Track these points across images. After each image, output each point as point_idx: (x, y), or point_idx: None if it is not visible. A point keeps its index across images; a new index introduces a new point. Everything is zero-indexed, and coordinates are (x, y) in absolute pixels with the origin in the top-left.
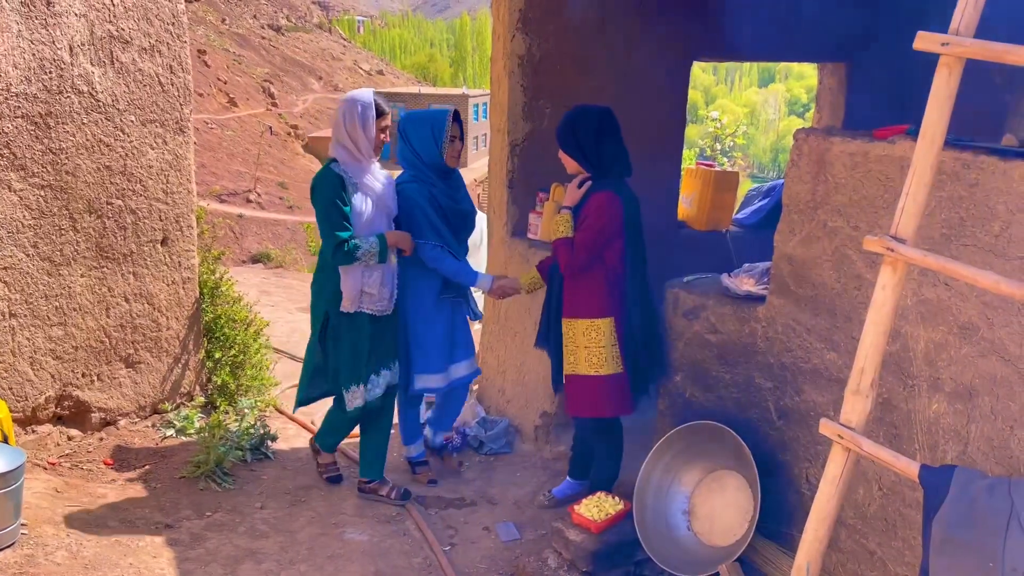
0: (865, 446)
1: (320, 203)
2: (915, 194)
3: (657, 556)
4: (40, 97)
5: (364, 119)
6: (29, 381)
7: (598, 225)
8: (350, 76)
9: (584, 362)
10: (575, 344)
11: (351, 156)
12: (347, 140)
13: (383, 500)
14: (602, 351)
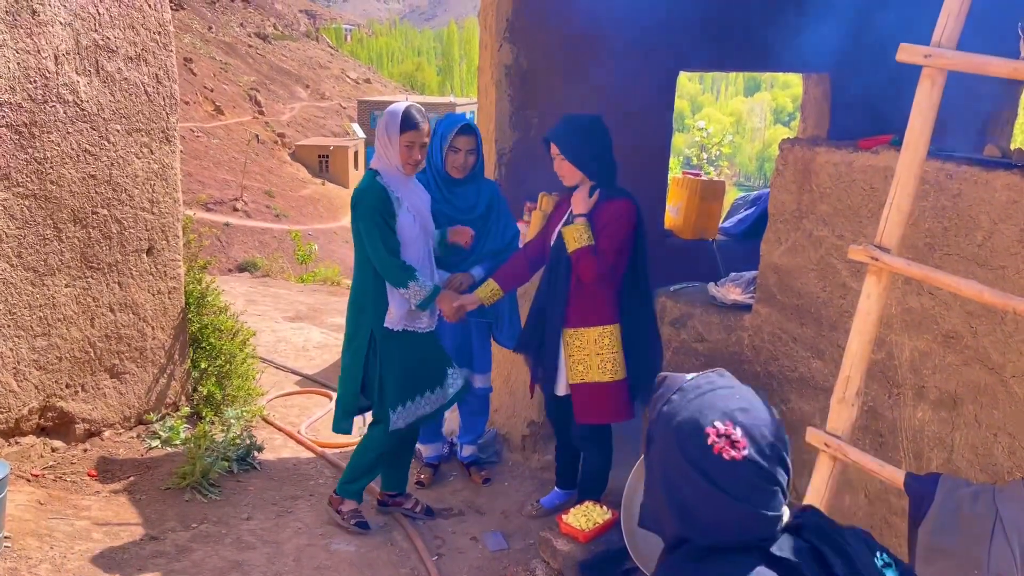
0: (851, 454)
1: (365, 217)
2: (899, 204)
3: (645, 565)
4: (24, 106)
5: (387, 132)
6: (12, 392)
7: (622, 233)
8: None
9: (597, 369)
10: (584, 352)
11: (391, 167)
12: (382, 150)
13: (408, 514)
14: (615, 357)
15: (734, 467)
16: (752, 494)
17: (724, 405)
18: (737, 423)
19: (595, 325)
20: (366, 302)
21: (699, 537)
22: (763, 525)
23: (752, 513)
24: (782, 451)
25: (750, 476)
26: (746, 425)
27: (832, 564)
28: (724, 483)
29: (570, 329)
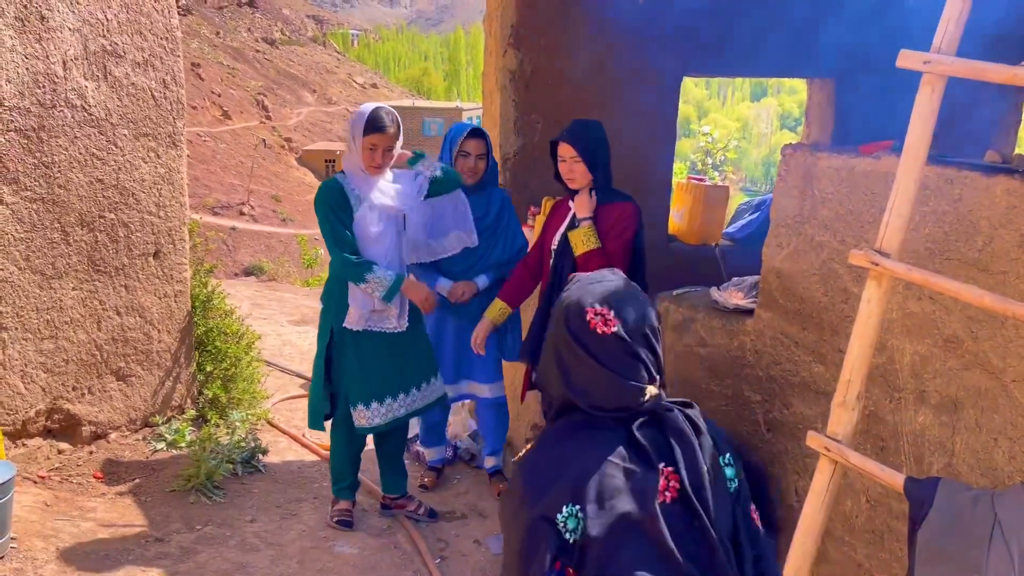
0: (852, 458)
1: (319, 216)
2: (899, 209)
3: None
4: (33, 111)
5: (352, 132)
6: (19, 394)
7: (629, 235)
8: (344, 89)
9: None
10: None
11: (355, 165)
12: (348, 151)
13: (411, 516)
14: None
15: (604, 340)
16: (618, 363)
17: (604, 292)
18: (612, 307)
19: None
20: (329, 301)
21: (577, 396)
22: (627, 393)
23: (618, 380)
24: (648, 334)
25: (617, 348)
26: (619, 309)
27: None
28: (596, 351)
29: None
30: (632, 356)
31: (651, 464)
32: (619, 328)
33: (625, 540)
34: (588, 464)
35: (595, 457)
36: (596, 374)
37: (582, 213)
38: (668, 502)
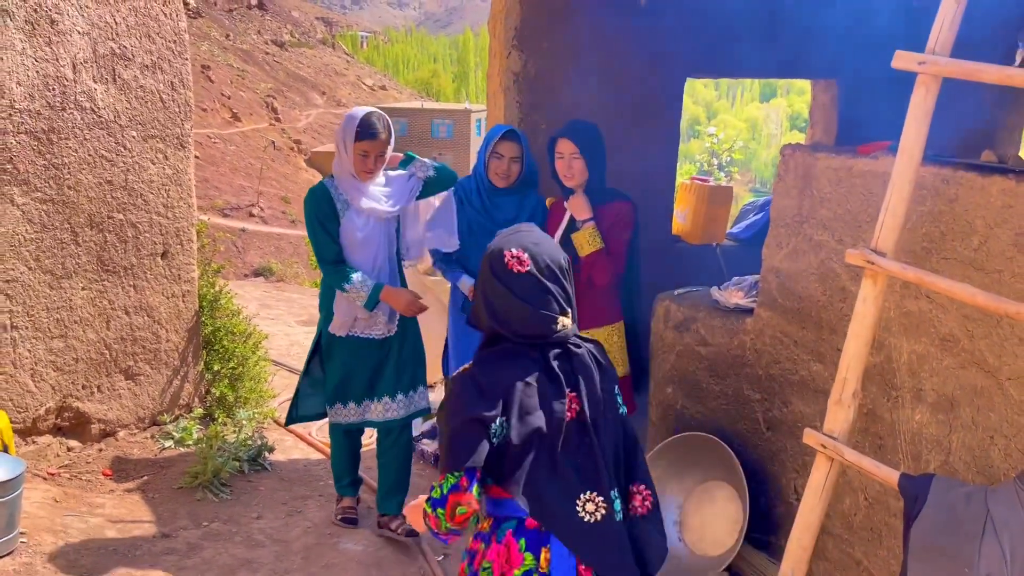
0: (847, 455)
1: (306, 220)
2: (894, 208)
3: None
4: (43, 113)
5: (343, 137)
6: (30, 392)
7: (628, 233)
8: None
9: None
10: None
11: (344, 170)
12: (338, 156)
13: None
14: (622, 354)
15: (520, 277)
16: (531, 296)
17: (520, 240)
18: (526, 250)
19: (603, 325)
20: (321, 305)
21: (501, 326)
22: (541, 321)
23: (532, 310)
24: (557, 272)
25: (530, 284)
26: (532, 252)
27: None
28: (513, 287)
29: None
30: (543, 290)
31: (560, 389)
32: (531, 267)
33: (532, 448)
34: (512, 382)
35: (518, 377)
36: (515, 306)
37: (581, 215)
38: (568, 421)
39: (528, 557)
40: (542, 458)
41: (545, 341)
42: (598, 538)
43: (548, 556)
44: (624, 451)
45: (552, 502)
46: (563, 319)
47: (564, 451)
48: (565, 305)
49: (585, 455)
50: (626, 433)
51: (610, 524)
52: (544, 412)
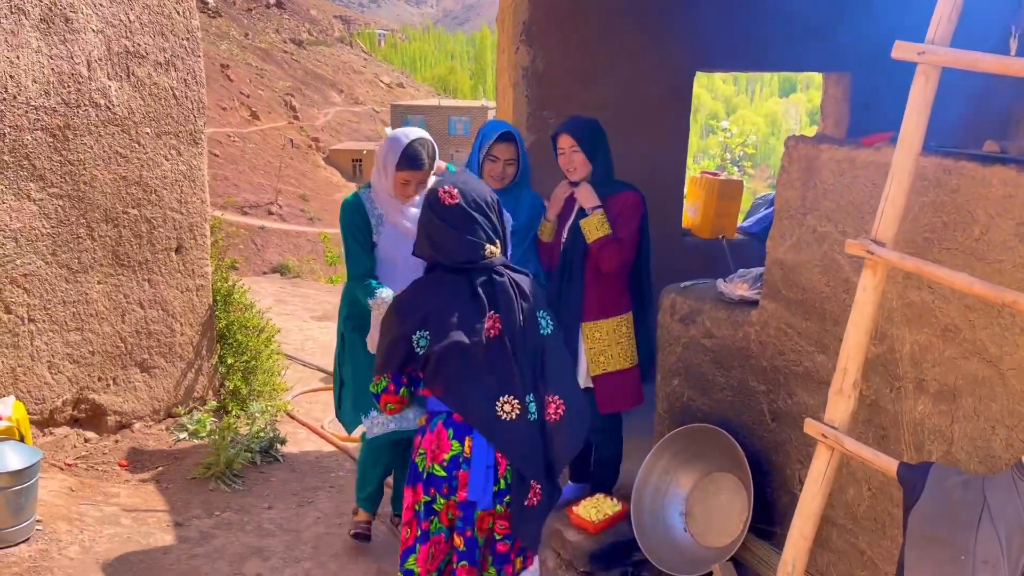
0: (847, 444)
1: (342, 231)
2: (894, 198)
3: (654, 556)
4: (59, 110)
5: (385, 166)
6: (47, 384)
7: (635, 222)
8: (370, 89)
9: (618, 358)
10: (604, 343)
11: (382, 187)
12: (376, 172)
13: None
14: (630, 344)
15: (450, 208)
16: (459, 224)
17: (453, 179)
18: (456, 186)
19: (612, 316)
20: (342, 304)
21: (436, 252)
22: (468, 247)
23: (459, 236)
24: (483, 205)
25: (459, 214)
26: (461, 188)
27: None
28: (445, 217)
29: (588, 322)
30: (470, 219)
31: (482, 310)
32: (460, 200)
33: (455, 359)
34: (439, 303)
35: (441, 300)
36: (446, 234)
37: (588, 203)
38: (491, 336)
39: (455, 444)
40: (467, 366)
41: (474, 267)
42: (512, 433)
43: (471, 444)
44: (543, 366)
45: (474, 402)
46: (490, 247)
47: (486, 361)
48: (492, 236)
49: (504, 365)
50: (545, 350)
51: (523, 423)
52: (465, 330)
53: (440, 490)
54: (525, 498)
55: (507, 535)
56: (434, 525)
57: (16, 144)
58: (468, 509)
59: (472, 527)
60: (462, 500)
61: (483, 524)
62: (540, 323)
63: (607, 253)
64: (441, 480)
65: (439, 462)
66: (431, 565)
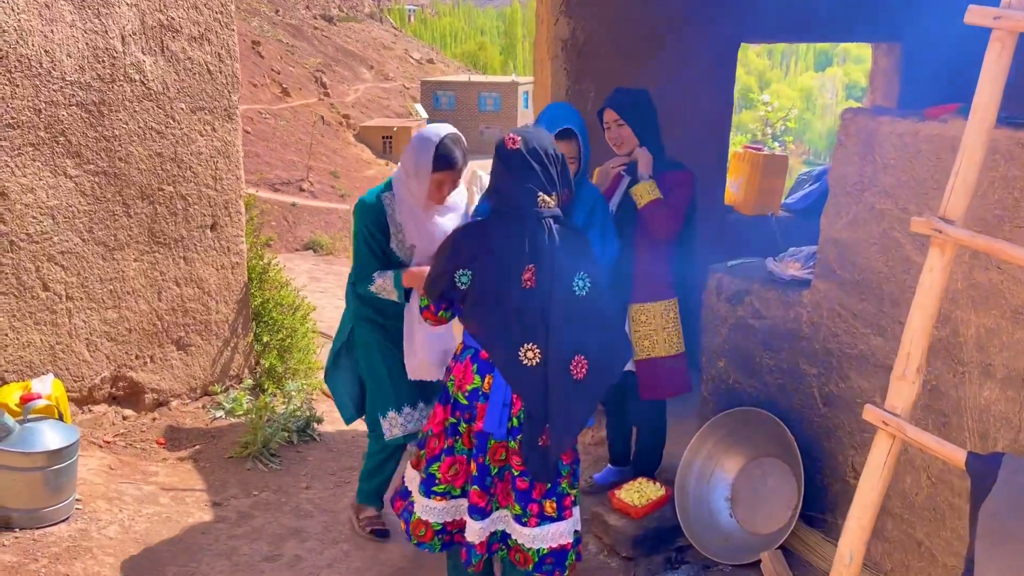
0: (910, 432)
1: (355, 228)
2: (965, 174)
3: (698, 542)
4: (94, 85)
5: (417, 164)
6: (85, 362)
7: (685, 198)
8: (400, 65)
9: (664, 343)
10: (650, 328)
11: (409, 194)
12: (403, 174)
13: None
14: (678, 330)
15: (511, 153)
16: (517, 169)
17: (520, 129)
18: (520, 135)
19: (660, 299)
20: (348, 298)
21: (496, 197)
22: (524, 193)
23: (516, 182)
24: (543, 156)
25: (518, 159)
26: (524, 136)
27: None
28: (505, 161)
29: (636, 304)
30: (527, 166)
31: (522, 261)
32: (521, 146)
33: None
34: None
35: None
36: (503, 177)
37: (646, 169)
38: (526, 288)
39: (476, 379)
40: (499, 311)
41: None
42: (529, 378)
43: (491, 381)
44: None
45: (500, 345)
46: (544, 196)
47: (517, 309)
48: (548, 186)
49: (531, 315)
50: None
51: (541, 371)
52: (503, 276)
53: (463, 416)
54: (536, 436)
55: (524, 471)
56: (458, 445)
57: (52, 120)
58: (482, 438)
59: (485, 455)
60: (478, 430)
61: (496, 455)
62: (576, 284)
63: (659, 218)
64: (464, 408)
65: (463, 391)
66: (453, 479)
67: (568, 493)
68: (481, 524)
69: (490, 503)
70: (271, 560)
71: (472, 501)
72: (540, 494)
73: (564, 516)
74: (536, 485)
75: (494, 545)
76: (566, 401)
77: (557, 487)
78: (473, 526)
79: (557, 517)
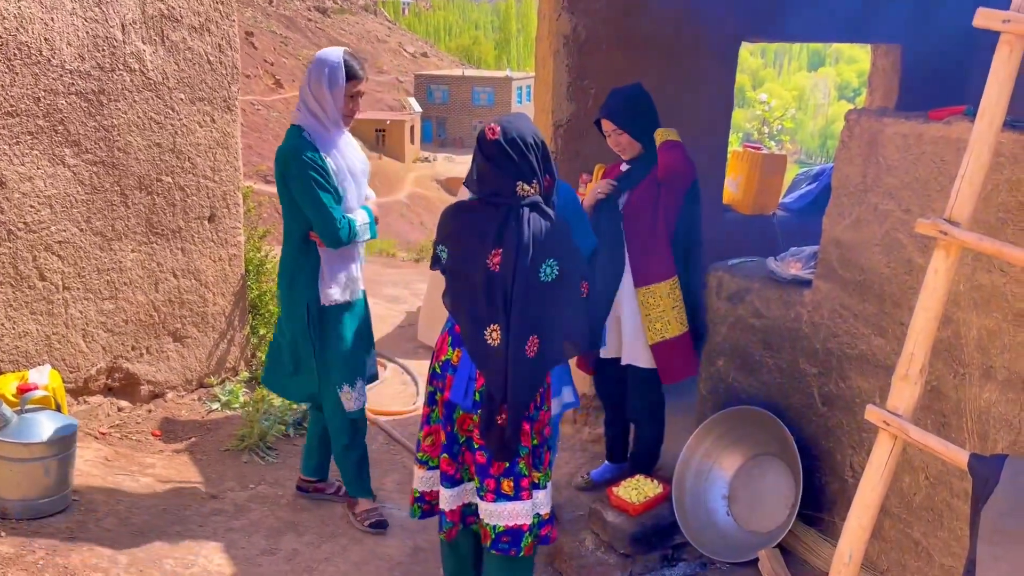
0: (913, 433)
1: (301, 177)
2: (971, 176)
3: (695, 540)
4: (93, 74)
5: (331, 82)
6: (81, 352)
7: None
8: (394, 58)
9: (675, 323)
10: (660, 309)
11: (319, 123)
12: (313, 104)
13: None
14: (684, 307)
15: (490, 142)
16: (494, 159)
17: (501, 118)
18: (500, 124)
19: (665, 280)
20: (299, 275)
21: (473, 185)
22: (500, 182)
23: (493, 171)
24: (522, 146)
25: (496, 149)
26: (504, 127)
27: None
28: (484, 150)
29: (642, 288)
30: (504, 156)
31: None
32: (500, 136)
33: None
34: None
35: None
36: (484, 166)
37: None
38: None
39: (449, 350)
40: (468, 290)
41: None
42: (491, 358)
43: (459, 355)
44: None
45: (468, 323)
46: (523, 185)
47: (484, 290)
48: (528, 175)
49: (496, 297)
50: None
51: (503, 352)
52: (473, 258)
53: (438, 385)
54: (494, 414)
55: (483, 445)
56: (434, 415)
57: (51, 109)
58: (449, 408)
59: (452, 425)
60: (446, 400)
61: (464, 426)
62: (543, 270)
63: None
64: (439, 376)
65: (439, 361)
66: (430, 449)
67: (526, 475)
68: (451, 492)
69: (459, 471)
70: (269, 554)
71: (442, 469)
72: (498, 471)
73: (521, 497)
74: (493, 462)
75: (469, 518)
76: (518, 379)
77: (515, 467)
78: (445, 494)
79: (513, 496)
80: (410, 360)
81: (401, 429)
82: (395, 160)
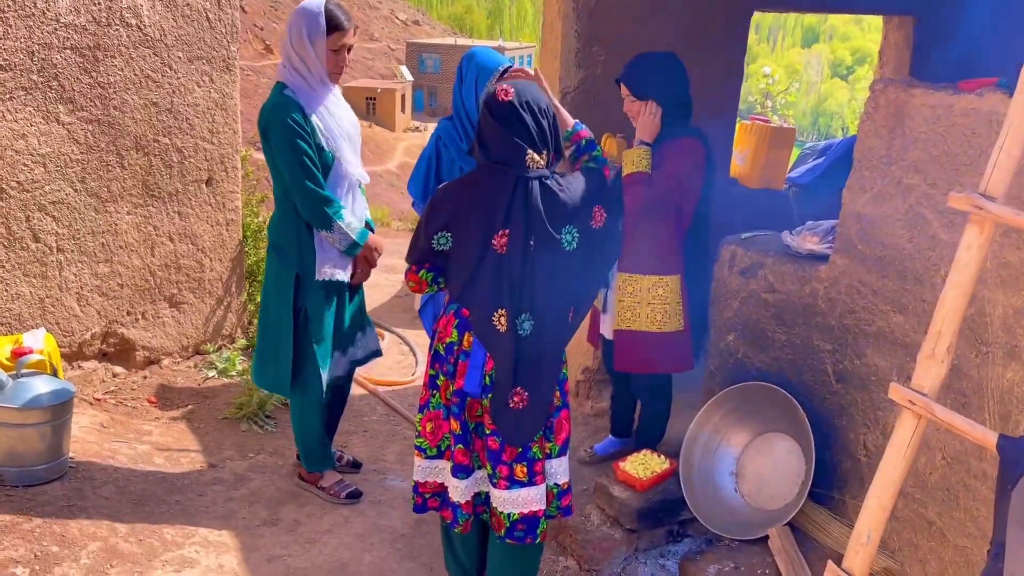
0: (939, 413)
1: (283, 140)
2: (1009, 149)
3: (702, 516)
4: (89, 29)
5: (311, 32)
6: (75, 316)
7: (680, 166)
8: (386, 26)
9: (645, 319)
10: (635, 300)
11: (303, 81)
12: (296, 59)
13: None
14: (667, 308)
15: (502, 104)
16: (507, 121)
17: (513, 82)
18: (514, 87)
19: (650, 274)
20: (290, 245)
21: (483, 151)
22: (512, 147)
23: (505, 135)
24: (535, 109)
25: (508, 111)
26: (517, 91)
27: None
28: (495, 113)
29: (624, 274)
30: (518, 118)
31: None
32: (514, 98)
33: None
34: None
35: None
36: (493, 130)
37: (644, 136)
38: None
39: (454, 334)
40: (477, 274)
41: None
42: (500, 342)
43: (470, 340)
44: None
45: (476, 308)
46: (533, 153)
47: (493, 272)
48: (539, 142)
49: (505, 280)
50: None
51: (510, 336)
52: (481, 240)
53: (442, 369)
54: (506, 398)
55: (495, 431)
56: (434, 399)
57: (45, 63)
58: (462, 397)
59: (464, 413)
60: (458, 388)
61: (472, 411)
62: (564, 239)
63: (633, 191)
64: (442, 359)
65: (442, 343)
66: (428, 437)
67: (539, 458)
68: (465, 483)
69: (472, 460)
70: (270, 524)
71: (456, 460)
72: (511, 457)
73: (535, 482)
74: (506, 447)
75: (479, 507)
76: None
77: (528, 451)
78: (458, 486)
79: (528, 482)
80: (407, 330)
81: (400, 399)
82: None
